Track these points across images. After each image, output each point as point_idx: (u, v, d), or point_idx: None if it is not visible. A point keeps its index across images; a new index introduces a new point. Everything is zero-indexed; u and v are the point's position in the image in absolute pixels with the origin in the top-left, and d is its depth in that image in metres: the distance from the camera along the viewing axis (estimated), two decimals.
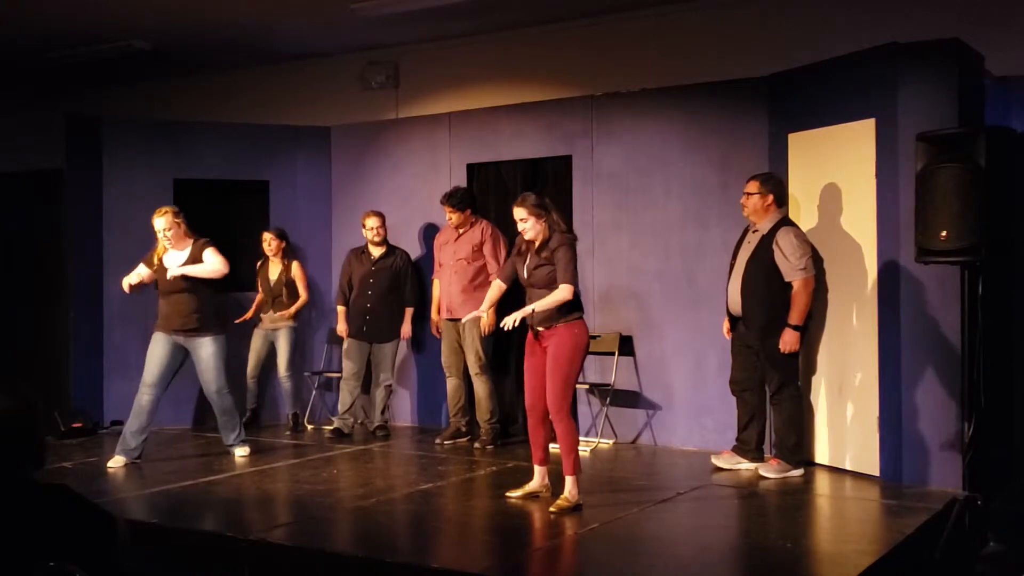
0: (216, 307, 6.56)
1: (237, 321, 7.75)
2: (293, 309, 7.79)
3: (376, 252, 7.48)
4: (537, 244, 5.12)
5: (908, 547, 4.50)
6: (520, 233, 5.18)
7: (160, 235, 6.35)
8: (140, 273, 6.38)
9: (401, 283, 7.47)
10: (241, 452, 6.66)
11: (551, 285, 5.06)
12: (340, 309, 7.60)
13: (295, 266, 7.88)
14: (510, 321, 5.00)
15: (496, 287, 5.42)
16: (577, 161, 7.35)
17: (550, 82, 7.94)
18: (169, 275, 6.31)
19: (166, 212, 6.39)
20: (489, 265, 7.05)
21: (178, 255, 6.40)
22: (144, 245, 6.60)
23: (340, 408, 7.50)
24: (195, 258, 6.37)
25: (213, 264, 6.34)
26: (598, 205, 7.21)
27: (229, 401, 6.61)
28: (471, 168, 7.78)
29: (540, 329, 5.12)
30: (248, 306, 7.95)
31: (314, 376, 8.27)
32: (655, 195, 7.06)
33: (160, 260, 6.40)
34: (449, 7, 7.37)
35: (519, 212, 5.14)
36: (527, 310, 5.02)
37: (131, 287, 6.34)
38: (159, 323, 6.44)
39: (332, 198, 8.47)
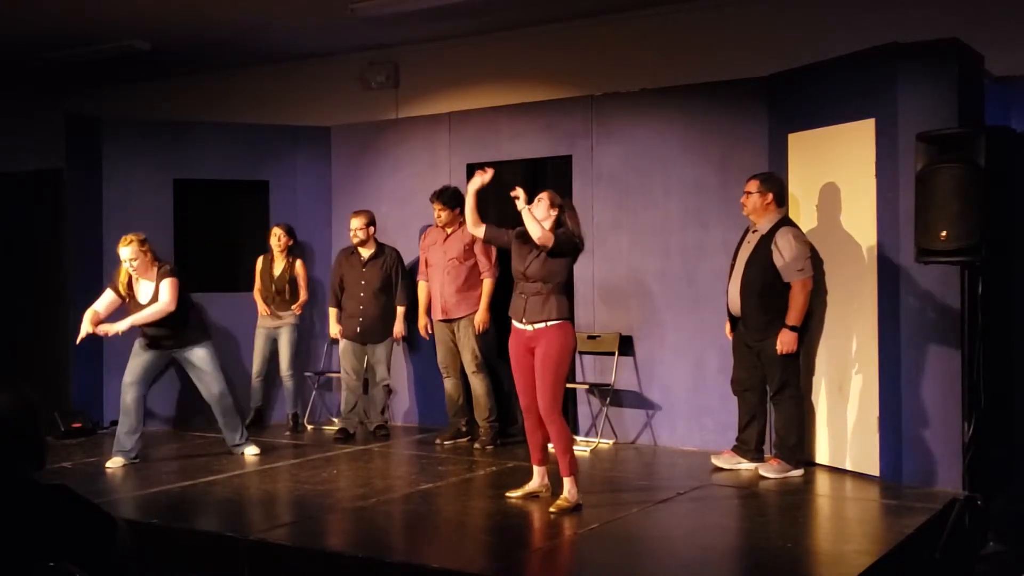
0: (195, 316, 6.54)
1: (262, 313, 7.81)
2: (297, 305, 7.79)
3: (366, 253, 7.45)
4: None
5: (908, 547, 4.50)
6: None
7: (126, 264, 6.25)
8: (97, 309, 6.26)
9: (392, 283, 7.45)
10: (251, 451, 6.66)
11: (547, 279, 5.07)
12: (332, 311, 7.57)
13: (299, 264, 7.87)
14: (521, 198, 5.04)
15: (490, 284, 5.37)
16: (577, 161, 7.35)
17: (550, 82, 7.93)
18: (119, 329, 6.18)
19: (131, 241, 6.26)
20: (481, 264, 7.04)
21: (146, 285, 6.33)
22: None
23: (343, 409, 7.48)
24: (156, 288, 6.28)
25: (160, 304, 6.21)
26: (598, 205, 7.21)
27: (230, 402, 6.64)
28: (471, 168, 7.77)
29: (528, 328, 5.11)
30: (246, 306, 7.94)
31: (314, 376, 8.27)
32: (655, 195, 7.06)
33: (129, 287, 6.31)
34: (449, 7, 7.36)
35: (544, 193, 5.22)
36: (522, 199, 5.03)
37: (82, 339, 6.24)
38: (143, 335, 6.42)
39: (332, 198, 8.46)
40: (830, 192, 6.07)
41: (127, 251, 6.24)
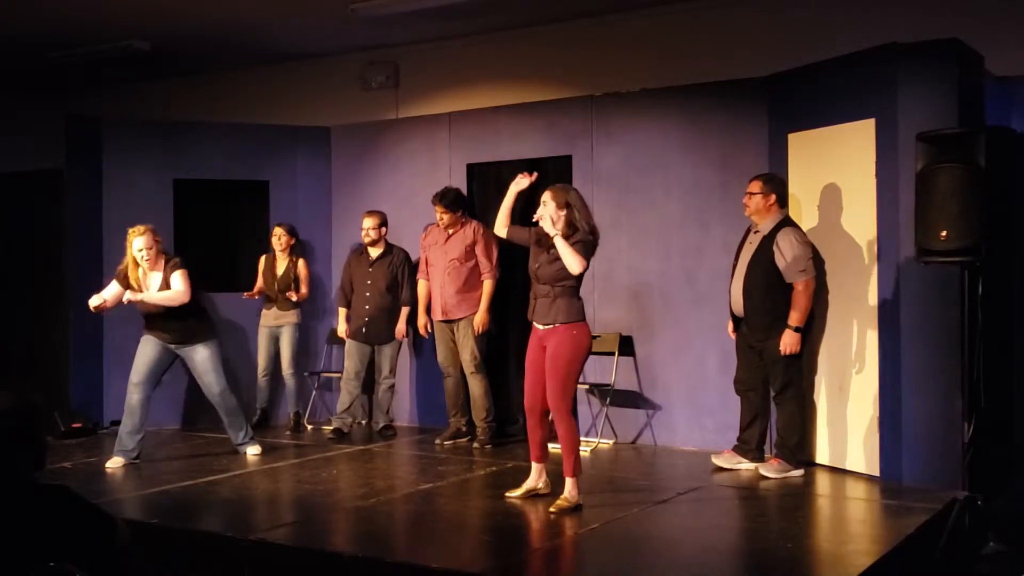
0: (202, 312, 6.52)
1: (245, 296, 7.79)
2: (297, 297, 7.79)
3: (374, 252, 7.46)
4: (552, 238, 5.04)
5: (908, 547, 4.49)
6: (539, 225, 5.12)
7: (138, 255, 6.17)
8: (104, 296, 6.17)
9: (399, 283, 7.46)
10: (253, 451, 6.66)
11: (559, 282, 5.05)
12: (341, 311, 7.56)
13: (301, 263, 7.88)
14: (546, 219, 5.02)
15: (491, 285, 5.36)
16: (577, 161, 7.35)
17: (550, 82, 7.94)
18: (125, 299, 6.13)
19: (144, 231, 6.19)
20: (481, 264, 7.05)
21: (154, 278, 6.28)
22: None
23: (339, 408, 7.48)
24: (166, 281, 6.24)
25: (174, 292, 6.19)
26: (598, 205, 7.19)
27: (233, 401, 6.62)
28: (471, 168, 7.78)
29: (541, 327, 5.12)
30: (247, 306, 7.94)
31: (314, 376, 8.27)
32: (655, 195, 7.06)
33: (137, 281, 6.24)
34: (449, 7, 7.37)
35: (547, 194, 5.12)
36: (549, 226, 5.00)
37: (95, 309, 6.16)
38: (147, 327, 6.40)
39: (332, 198, 8.46)
40: (830, 192, 6.07)
41: (141, 240, 6.17)
